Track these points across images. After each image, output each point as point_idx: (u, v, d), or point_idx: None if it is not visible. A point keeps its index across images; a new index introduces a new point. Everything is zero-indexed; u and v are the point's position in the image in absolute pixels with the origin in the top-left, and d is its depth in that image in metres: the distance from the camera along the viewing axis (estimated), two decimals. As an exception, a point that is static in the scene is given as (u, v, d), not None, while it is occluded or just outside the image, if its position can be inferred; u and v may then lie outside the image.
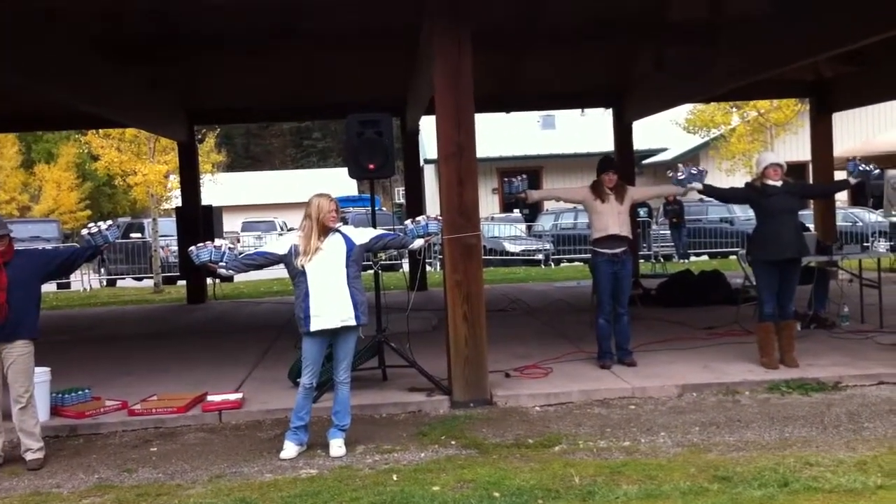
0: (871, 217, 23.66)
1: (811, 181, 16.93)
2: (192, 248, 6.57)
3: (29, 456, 6.44)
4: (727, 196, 8.99)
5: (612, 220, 8.50)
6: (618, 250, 8.51)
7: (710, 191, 8.52)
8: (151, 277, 21.69)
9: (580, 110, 32.73)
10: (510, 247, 24.69)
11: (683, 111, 25.53)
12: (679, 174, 8.47)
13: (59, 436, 7.19)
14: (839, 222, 18.90)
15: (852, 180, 8.66)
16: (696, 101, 22.22)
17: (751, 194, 8.52)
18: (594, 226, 8.63)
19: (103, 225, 6.86)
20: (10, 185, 34.18)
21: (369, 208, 9.39)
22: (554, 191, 10.75)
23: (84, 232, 6.89)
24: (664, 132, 32.35)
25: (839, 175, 17.17)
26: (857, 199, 24.62)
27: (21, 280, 6.43)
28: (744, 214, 24.13)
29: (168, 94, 14.73)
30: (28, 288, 6.50)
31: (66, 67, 10.28)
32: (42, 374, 7.18)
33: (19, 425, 6.47)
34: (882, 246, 13.02)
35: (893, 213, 16.20)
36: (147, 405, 7.60)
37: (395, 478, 5.78)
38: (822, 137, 15.69)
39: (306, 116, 31.00)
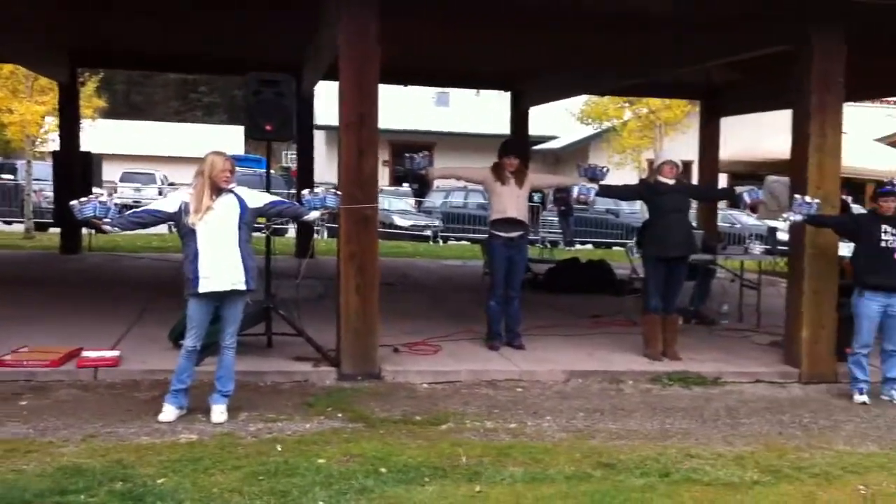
0: (748, 220, 24.51)
1: (696, 180, 17.41)
2: (75, 202, 6.13)
3: None
4: (622, 194, 9.10)
5: (511, 203, 8.50)
6: (514, 234, 8.53)
7: (606, 191, 8.59)
8: (22, 222, 20.72)
9: (475, 91, 32.83)
10: (399, 220, 24.54)
11: (578, 101, 25.83)
12: (581, 182, 8.45)
13: (-83, 383, 6.76)
14: (718, 223, 19.47)
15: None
16: (593, 93, 22.48)
17: (643, 191, 8.71)
18: (493, 207, 8.62)
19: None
20: None
21: (256, 169, 9.13)
22: (454, 169, 10.68)
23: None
24: (556, 120, 32.70)
25: (722, 178, 17.82)
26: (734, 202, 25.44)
27: None
28: (629, 207, 24.64)
29: (49, 29, 13.92)
30: None
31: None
32: None
33: None
34: (757, 248, 13.41)
35: (771, 216, 16.79)
36: (18, 357, 7.22)
37: (279, 448, 5.65)
38: (709, 139, 16.21)
39: (196, 69, 29.85)
